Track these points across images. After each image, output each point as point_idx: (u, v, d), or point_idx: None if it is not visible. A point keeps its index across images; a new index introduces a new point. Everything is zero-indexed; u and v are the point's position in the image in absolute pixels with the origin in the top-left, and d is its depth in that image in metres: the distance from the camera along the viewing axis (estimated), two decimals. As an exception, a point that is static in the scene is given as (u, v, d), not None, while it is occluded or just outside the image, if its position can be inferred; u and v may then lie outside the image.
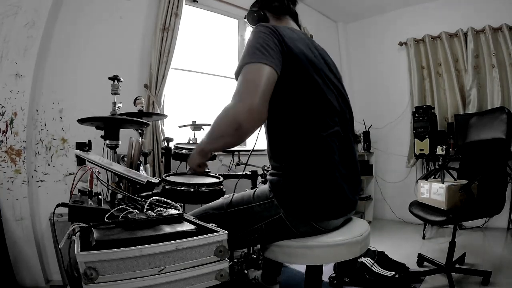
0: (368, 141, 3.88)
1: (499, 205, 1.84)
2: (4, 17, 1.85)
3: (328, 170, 0.95)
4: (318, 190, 0.95)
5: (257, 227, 1.01)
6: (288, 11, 1.17)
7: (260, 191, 1.05)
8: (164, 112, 2.43)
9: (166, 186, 1.56)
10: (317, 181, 0.95)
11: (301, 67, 0.95)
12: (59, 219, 1.43)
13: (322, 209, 0.96)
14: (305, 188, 0.95)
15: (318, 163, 0.95)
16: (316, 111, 0.96)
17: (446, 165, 2.08)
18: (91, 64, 2.21)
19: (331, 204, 0.97)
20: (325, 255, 0.97)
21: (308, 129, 0.95)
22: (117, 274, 0.62)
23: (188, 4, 2.73)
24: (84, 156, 1.05)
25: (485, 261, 2.28)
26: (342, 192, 0.97)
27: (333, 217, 1.00)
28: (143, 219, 0.78)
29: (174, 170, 2.14)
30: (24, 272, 1.86)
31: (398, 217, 3.70)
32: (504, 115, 1.95)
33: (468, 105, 3.31)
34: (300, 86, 0.96)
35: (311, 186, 0.95)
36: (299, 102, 0.96)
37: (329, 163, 0.96)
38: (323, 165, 0.95)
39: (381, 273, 2.03)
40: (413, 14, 3.74)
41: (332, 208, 0.98)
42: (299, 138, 0.96)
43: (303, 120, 0.96)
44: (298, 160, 0.96)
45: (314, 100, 0.97)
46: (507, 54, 3.09)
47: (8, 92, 1.88)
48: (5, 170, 1.86)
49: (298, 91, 0.95)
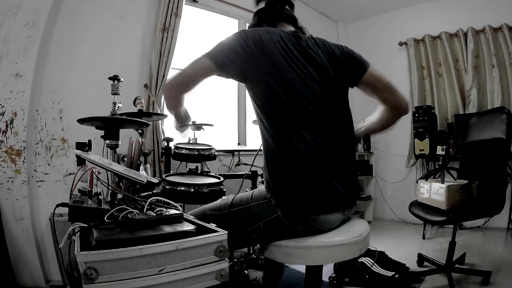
0: (368, 141, 3.87)
1: (499, 205, 1.84)
2: (4, 17, 1.85)
3: (316, 166, 0.97)
4: (307, 183, 0.96)
5: (255, 227, 1.01)
6: (281, 16, 1.17)
7: (258, 191, 1.06)
8: (164, 112, 2.43)
9: (166, 186, 1.56)
10: (306, 178, 0.96)
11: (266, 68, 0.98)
12: (59, 219, 1.43)
13: (313, 203, 0.97)
14: (296, 182, 0.96)
15: (304, 160, 0.96)
16: (289, 110, 0.97)
17: (446, 165, 2.08)
18: (91, 64, 2.21)
19: (321, 198, 0.97)
20: (324, 255, 0.97)
21: (288, 128, 0.97)
22: (117, 274, 0.62)
23: (188, 4, 2.73)
24: (84, 156, 1.05)
25: (485, 261, 2.28)
26: (331, 186, 0.98)
27: (324, 211, 0.99)
28: (143, 219, 0.78)
29: (174, 170, 2.14)
30: (24, 272, 1.86)
31: (398, 217, 3.70)
32: (504, 115, 1.95)
33: (468, 105, 3.31)
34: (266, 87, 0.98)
35: (302, 183, 0.96)
36: (272, 103, 0.99)
37: (316, 159, 0.97)
38: (310, 162, 0.96)
39: (381, 273, 2.03)
40: (413, 14, 3.74)
41: (323, 202, 0.98)
42: (280, 139, 0.98)
43: (281, 120, 0.98)
44: (285, 158, 0.97)
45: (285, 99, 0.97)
46: (507, 54, 3.09)
47: (8, 92, 1.88)
48: (5, 170, 1.86)
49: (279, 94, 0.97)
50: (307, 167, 0.96)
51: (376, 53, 4.06)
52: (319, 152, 0.98)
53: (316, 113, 1.00)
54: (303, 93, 0.99)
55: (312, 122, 0.99)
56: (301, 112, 0.98)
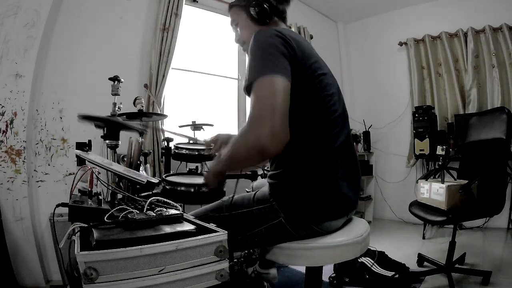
0: (368, 141, 3.87)
1: (499, 205, 1.84)
2: (4, 17, 1.86)
3: (329, 171, 0.95)
4: (318, 192, 0.94)
5: (257, 231, 1.00)
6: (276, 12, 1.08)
7: (260, 194, 1.03)
8: (164, 112, 2.43)
9: (166, 186, 1.56)
10: (317, 184, 0.94)
11: (310, 70, 0.93)
12: (59, 219, 1.43)
13: (322, 211, 0.95)
14: (305, 190, 0.94)
15: (319, 165, 0.94)
16: (321, 113, 0.94)
17: (446, 165, 2.08)
18: (91, 64, 2.21)
19: (331, 205, 0.96)
20: (325, 256, 0.97)
21: (313, 131, 0.94)
22: (117, 274, 0.62)
23: (188, 4, 2.73)
24: (84, 156, 1.05)
25: (485, 261, 2.28)
26: (342, 192, 0.96)
27: (333, 217, 0.99)
28: (143, 219, 0.78)
29: (174, 170, 2.13)
30: (24, 272, 1.86)
31: (398, 217, 3.70)
32: (504, 115, 1.95)
33: (468, 105, 3.31)
34: (307, 89, 0.92)
35: (311, 189, 0.94)
36: (305, 104, 0.93)
37: (330, 165, 0.95)
38: (324, 167, 0.94)
39: (381, 273, 2.02)
40: (413, 14, 3.74)
41: (332, 209, 0.97)
42: (303, 142, 0.94)
43: (308, 123, 0.93)
44: (300, 162, 0.95)
45: (320, 101, 0.94)
46: (507, 54, 3.09)
47: (8, 92, 1.88)
48: (5, 170, 1.86)
49: (304, 95, 0.92)
50: (322, 174, 0.94)
51: (376, 53, 4.08)
52: (337, 162, 0.95)
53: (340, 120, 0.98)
54: (334, 102, 0.98)
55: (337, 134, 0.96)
56: (333, 124, 0.95)
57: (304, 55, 0.92)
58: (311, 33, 3.60)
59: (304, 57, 0.92)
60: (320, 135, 0.94)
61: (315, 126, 0.94)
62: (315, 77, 0.94)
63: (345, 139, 0.99)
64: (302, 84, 0.90)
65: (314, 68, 0.94)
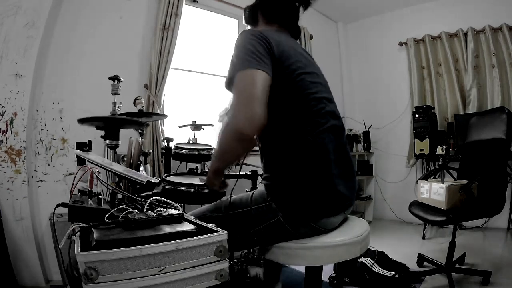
0: (368, 141, 3.87)
1: (499, 205, 1.84)
2: (4, 17, 1.86)
3: (323, 168, 0.96)
4: (313, 189, 0.95)
5: (256, 230, 1.00)
6: (279, 19, 1.18)
7: (258, 193, 1.05)
8: (164, 112, 2.43)
9: (166, 186, 1.56)
10: (311, 180, 0.95)
11: (289, 69, 0.96)
12: (59, 219, 1.43)
13: (318, 207, 0.96)
14: (300, 188, 0.95)
15: (311, 163, 0.95)
16: (306, 111, 0.97)
17: (446, 165, 2.08)
18: (91, 64, 2.21)
19: (327, 201, 0.97)
20: (325, 255, 0.97)
21: (299, 130, 0.96)
22: (117, 274, 0.62)
23: (188, 4, 2.73)
24: (84, 156, 1.05)
25: (485, 261, 2.28)
26: (337, 189, 0.97)
27: (330, 214, 1.00)
28: (143, 219, 0.78)
29: (174, 170, 2.13)
30: (24, 272, 1.86)
31: (398, 217, 3.70)
32: (504, 115, 1.95)
33: (468, 105, 3.31)
34: (288, 87, 0.96)
35: (306, 186, 0.95)
36: (288, 103, 0.96)
37: (323, 162, 0.96)
38: (317, 164, 0.95)
39: (381, 273, 2.02)
40: (413, 14, 3.74)
41: (328, 205, 0.98)
42: (291, 140, 0.96)
43: (294, 122, 0.96)
44: (291, 161, 0.96)
45: (303, 98, 0.97)
46: (507, 54, 3.09)
47: (8, 92, 1.88)
48: (5, 170, 1.86)
49: (287, 93, 0.96)
50: (316, 171, 0.95)
51: (376, 53, 4.08)
52: (328, 156, 0.96)
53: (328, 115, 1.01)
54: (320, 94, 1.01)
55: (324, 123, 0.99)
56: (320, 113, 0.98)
57: (283, 55, 0.96)
58: (311, 33, 3.59)
59: (282, 56, 0.96)
60: (306, 134, 0.95)
61: (299, 125, 0.96)
62: (295, 76, 0.97)
63: (335, 136, 1.00)
64: (281, 82, 0.95)
65: (295, 67, 0.97)
